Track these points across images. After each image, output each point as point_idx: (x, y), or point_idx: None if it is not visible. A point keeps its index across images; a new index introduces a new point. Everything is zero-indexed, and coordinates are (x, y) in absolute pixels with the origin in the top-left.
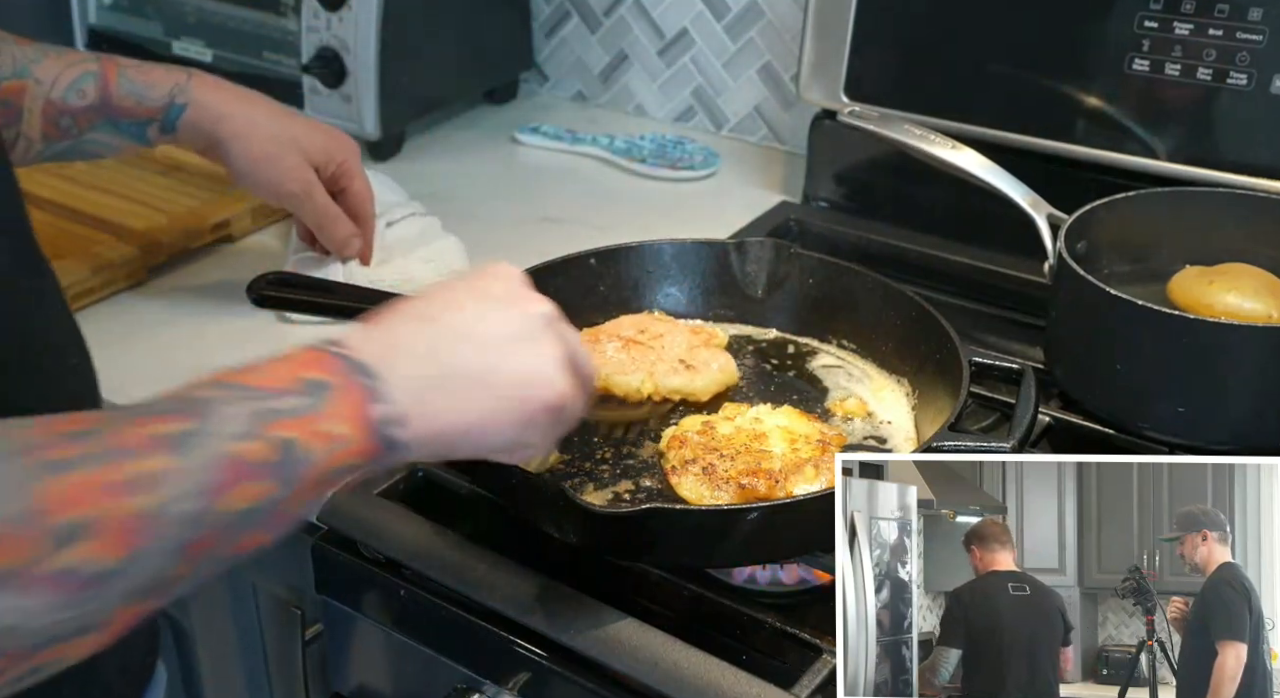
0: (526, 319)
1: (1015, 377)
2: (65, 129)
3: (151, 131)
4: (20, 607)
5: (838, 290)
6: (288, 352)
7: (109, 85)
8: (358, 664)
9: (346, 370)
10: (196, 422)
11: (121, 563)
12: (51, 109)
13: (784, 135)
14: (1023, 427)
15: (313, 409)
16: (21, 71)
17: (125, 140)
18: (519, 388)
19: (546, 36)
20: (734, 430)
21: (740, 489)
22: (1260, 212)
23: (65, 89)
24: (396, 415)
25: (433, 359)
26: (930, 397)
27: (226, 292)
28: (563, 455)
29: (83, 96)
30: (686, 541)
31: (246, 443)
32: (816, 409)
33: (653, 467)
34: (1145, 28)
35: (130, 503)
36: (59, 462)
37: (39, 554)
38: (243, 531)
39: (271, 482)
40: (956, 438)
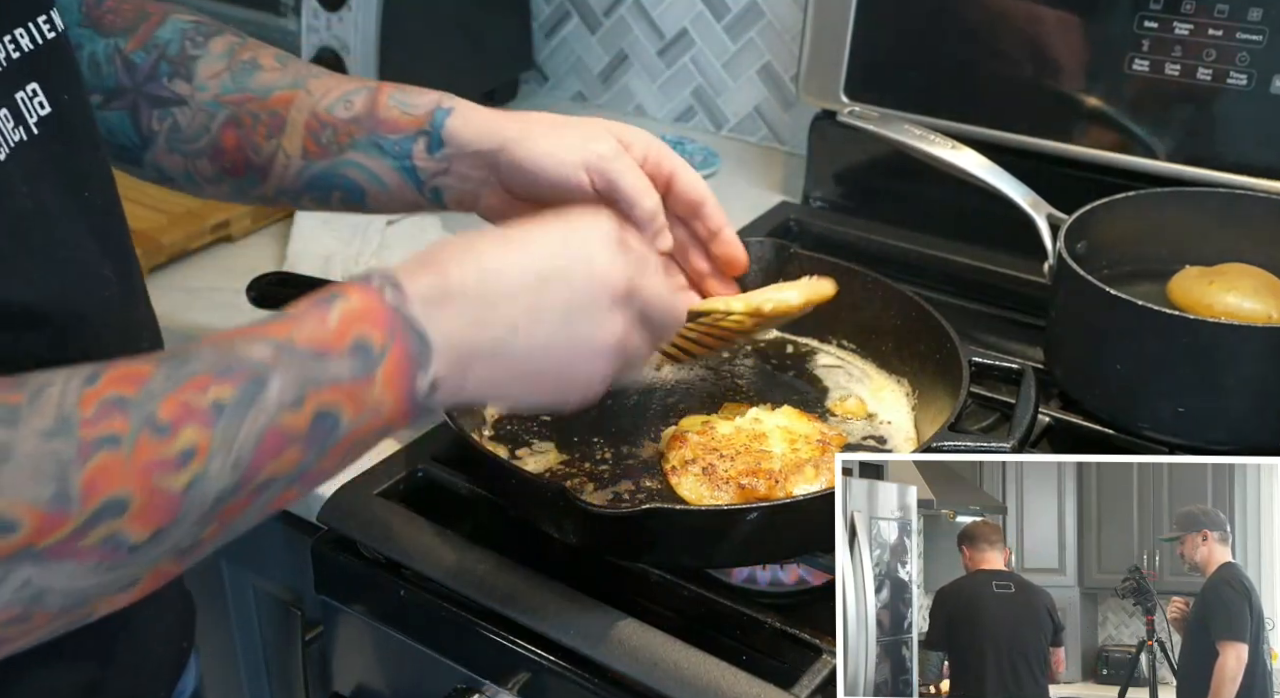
0: (593, 292)
1: (1015, 377)
2: (325, 145)
3: (417, 148)
4: (55, 574)
5: (838, 290)
6: (335, 288)
7: (377, 99)
8: (358, 664)
9: (398, 330)
10: (245, 388)
11: (158, 534)
12: (315, 121)
13: (784, 135)
14: (1023, 427)
15: (361, 377)
16: (297, 82)
17: (387, 164)
18: (561, 373)
19: (546, 37)
20: (734, 430)
21: (740, 489)
22: (1260, 212)
23: (334, 101)
24: (435, 381)
25: (482, 325)
26: (930, 397)
27: (226, 292)
28: (562, 455)
29: (349, 107)
30: (686, 541)
31: (292, 414)
32: (816, 409)
33: (653, 467)
34: (1145, 28)
35: (171, 482)
36: (102, 439)
37: (77, 529)
38: (274, 495)
39: (306, 449)
40: (956, 438)
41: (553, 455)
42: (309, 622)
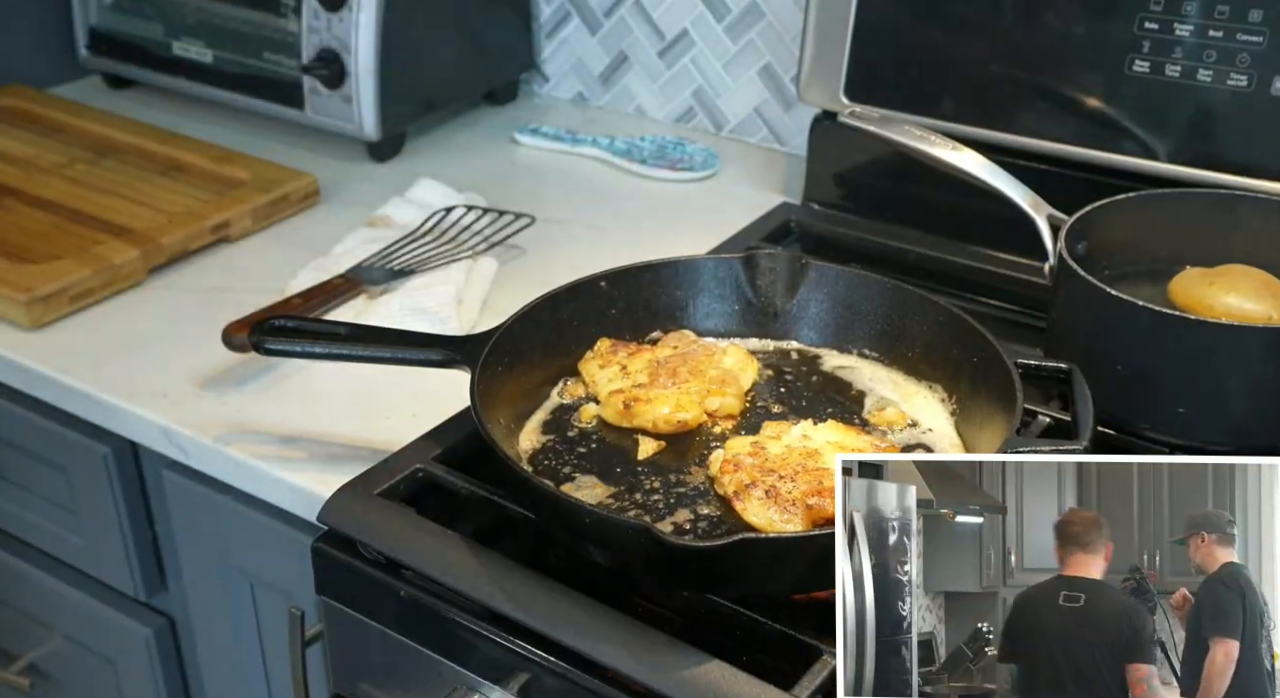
0: None
1: (1064, 375)
2: None
3: None
4: None
5: (856, 299)
6: None
7: None
8: (358, 664)
9: None
10: None
11: None
12: None
13: (784, 136)
14: (1089, 426)
15: None
16: None
17: None
18: None
19: (547, 37)
20: (785, 450)
21: (809, 510)
22: (1260, 212)
23: None
24: None
25: None
26: (972, 402)
27: (226, 292)
28: (610, 488)
29: None
30: (774, 569)
31: None
32: (855, 421)
33: (705, 493)
34: (1145, 29)
35: None
36: None
37: None
38: None
39: None
40: (1028, 444)
41: (600, 488)
42: (309, 622)
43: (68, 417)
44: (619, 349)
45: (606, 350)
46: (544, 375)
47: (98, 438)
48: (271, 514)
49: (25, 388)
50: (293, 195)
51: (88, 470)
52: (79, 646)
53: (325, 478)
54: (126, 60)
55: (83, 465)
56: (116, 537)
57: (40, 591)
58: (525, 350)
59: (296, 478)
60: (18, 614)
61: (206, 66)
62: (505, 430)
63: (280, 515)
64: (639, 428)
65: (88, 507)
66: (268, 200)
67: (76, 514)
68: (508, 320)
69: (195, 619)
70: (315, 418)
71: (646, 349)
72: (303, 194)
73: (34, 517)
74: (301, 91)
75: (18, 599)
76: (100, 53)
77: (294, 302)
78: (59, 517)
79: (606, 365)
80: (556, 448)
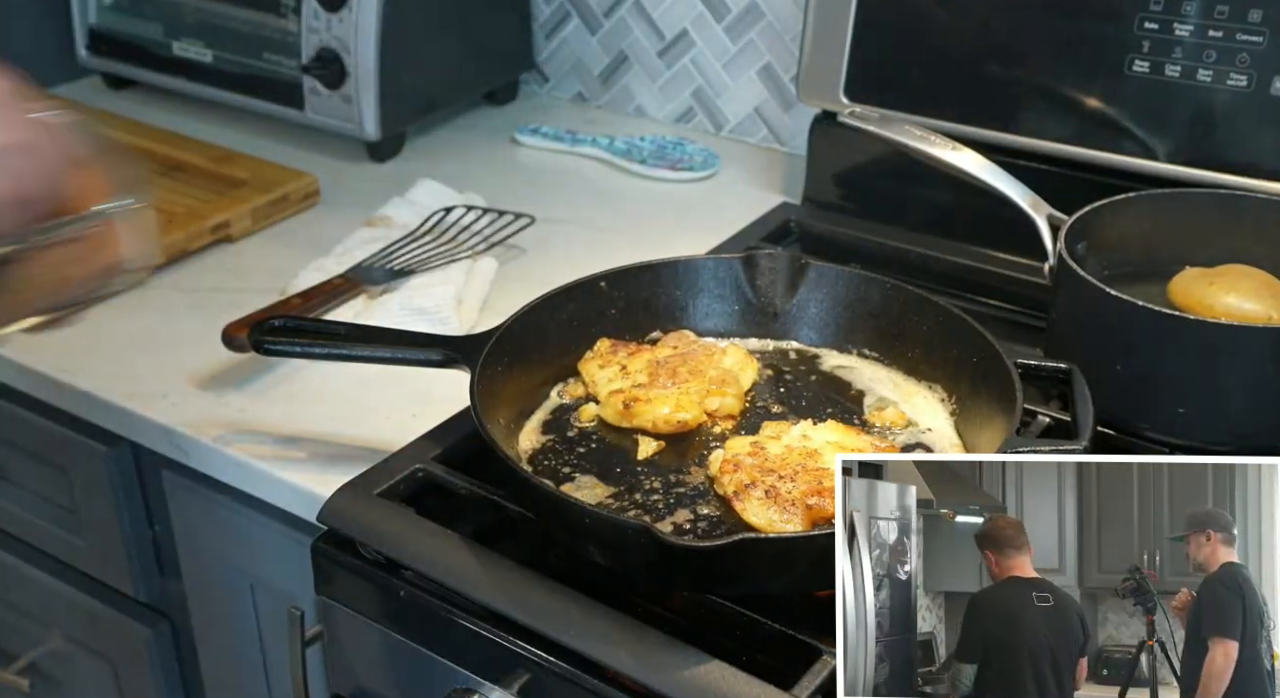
0: None
1: (1064, 375)
2: None
3: None
4: None
5: (855, 299)
6: None
7: None
8: (358, 665)
9: None
10: None
11: None
12: None
13: (784, 136)
14: (1089, 426)
15: None
16: None
17: None
18: None
19: (547, 37)
20: (785, 450)
21: (808, 510)
22: (1260, 213)
23: None
24: None
25: None
26: (972, 402)
27: (226, 292)
28: (609, 488)
29: None
30: (775, 568)
31: None
32: (854, 421)
33: (705, 493)
34: (1145, 29)
35: None
36: None
37: None
38: None
39: None
40: (1028, 444)
41: (600, 489)
42: (309, 622)
43: (68, 417)
44: (619, 349)
45: (606, 350)
46: (544, 375)
47: (98, 438)
48: (271, 514)
49: (25, 388)
50: (293, 195)
51: (88, 470)
52: (79, 646)
53: (325, 478)
54: (126, 60)
55: (83, 465)
56: (116, 537)
57: (40, 591)
58: (525, 350)
59: (296, 478)
60: (18, 614)
61: (206, 66)
62: (505, 430)
63: (280, 516)
64: (639, 428)
65: (88, 507)
66: (268, 200)
67: (76, 514)
68: (508, 320)
69: (195, 619)
70: (315, 418)
71: (646, 349)
72: (303, 194)
73: (34, 517)
74: (301, 91)
75: (18, 599)
76: (100, 53)
77: (294, 302)
78: (59, 517)
79: (606, 365)
80: (556, 448)
